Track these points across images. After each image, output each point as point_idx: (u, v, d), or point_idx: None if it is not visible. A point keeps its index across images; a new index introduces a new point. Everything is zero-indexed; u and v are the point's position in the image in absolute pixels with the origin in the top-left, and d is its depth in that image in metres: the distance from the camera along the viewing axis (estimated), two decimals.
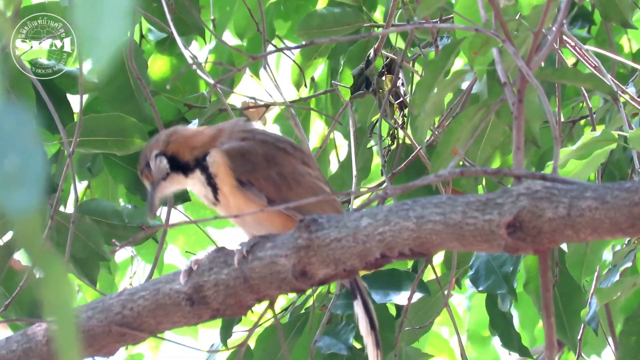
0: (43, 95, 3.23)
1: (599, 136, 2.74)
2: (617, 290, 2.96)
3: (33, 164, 1.19)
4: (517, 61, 2.24)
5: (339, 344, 3.37)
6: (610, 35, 3.82)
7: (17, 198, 1.17)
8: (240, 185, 2.41)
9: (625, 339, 3.23)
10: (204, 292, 2.30)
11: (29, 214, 1.18)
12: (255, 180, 2.41)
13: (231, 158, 2.42)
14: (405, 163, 3.46)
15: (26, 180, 1.17)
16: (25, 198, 1.17)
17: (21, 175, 1.18)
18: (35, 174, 1.18)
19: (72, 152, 3.09)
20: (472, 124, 2.37)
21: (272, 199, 2.41)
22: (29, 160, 1.19)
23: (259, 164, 2.41)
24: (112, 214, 3.41)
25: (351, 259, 2.20)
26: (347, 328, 3.42)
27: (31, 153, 1.19)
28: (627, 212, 2.05)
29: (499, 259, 3.41)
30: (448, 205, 2.14)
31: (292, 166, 2.45)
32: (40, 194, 1.18)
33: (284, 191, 2.41)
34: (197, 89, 3.88)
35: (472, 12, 2.65)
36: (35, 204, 1.17)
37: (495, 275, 3.39)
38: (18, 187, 1.17)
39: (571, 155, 2.74)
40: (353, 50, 3.81)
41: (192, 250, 4.60)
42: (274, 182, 2.41)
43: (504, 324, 3.49)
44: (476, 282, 3.41)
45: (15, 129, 1.21)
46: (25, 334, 2.37)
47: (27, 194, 1.17)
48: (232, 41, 4.21)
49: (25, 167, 1.18)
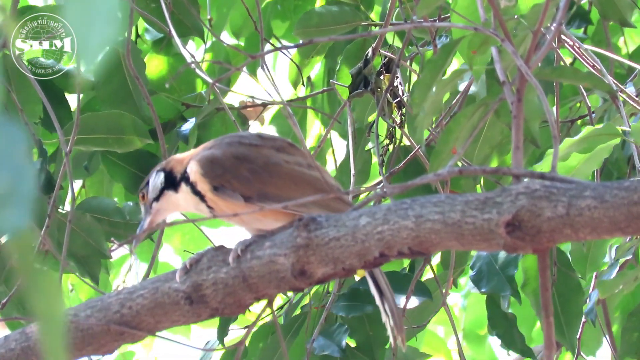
0: (40, 94, 3.23)
1: (602, 129, 2.74)
2: (618, 283, 2.96)
3: (24, 183, 1.18)
4: (516, 60, 2.24)
5: (332, 346, 3.38)
6: (607, 34, 3.82)
7: (7, 217, 1.16)
8: (214, 190, 2.44)
9: (627, 335, 3.24)
10: (203, 291, 2.30)
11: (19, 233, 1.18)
12: (227, 183, 2.44)
13: (202, 166, 2.46)
14: (404, 162, 3.45)
15: (16, 200, 1.16)
16: (15, 217, 1.16)
17: (11, 194, 1.17)
18: (25, 193, 1.17)
19: (70, 151, 3.09)
20: (470, 124, 2.37)
21: (248, 196, 2.43)
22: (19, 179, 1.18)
23: (228, 166, 2.45)
24: (114, 212, 3.41)
25: (350, 258, 2.20)
26: (341, 329, 3.42)
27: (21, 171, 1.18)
28: (626, 211, 2.05)
29: (502, 260, 3.40)
30: (447, 204, 2.14)
31: (265, 158, 2.46)
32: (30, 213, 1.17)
33: (257, 185, 2.43)
34: (194, 89, 3.88)
35: (470, 11, 2.65)
36: (25, 223, 1.16)
37: (498, 277, 3.38)
38: (8, 206, 1.16)
39: (573, 147, 2.73)
40: (350, 49, 3.81)
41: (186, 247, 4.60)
42: (245, 179, 2.44)
43: (505, 324, 3.48)
44: (478, 283, 3.40)
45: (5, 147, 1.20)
46: (24, 333, 2.37)
47: (18, 214, 1.16)
48: (229, 41, 4.21)
49: (15, 186, 1.17)
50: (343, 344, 3.39)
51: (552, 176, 2.13)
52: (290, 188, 2.44)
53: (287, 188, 2.44)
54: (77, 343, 2.33)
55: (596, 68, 3.01)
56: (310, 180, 2.47)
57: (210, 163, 2.46)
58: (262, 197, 2.43)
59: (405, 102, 3.44)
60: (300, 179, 2.46)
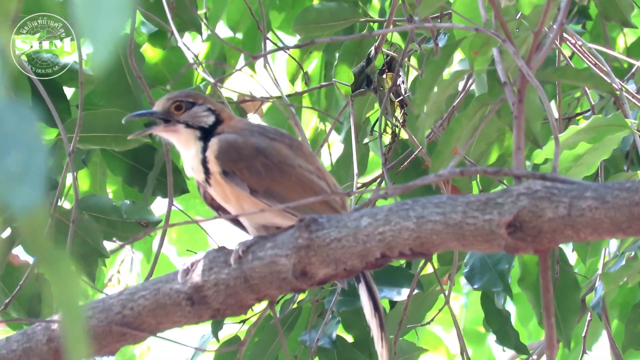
0: (41, 90, 3.22)
1: (610, 119, 2.73)
2: (623, 275, 2.96)
3: (35, 161, 1.20)
4: (518, 61, 2.23)
5: (323, 337, 3.39)
6: (605, 30, 3.82)
7: (20, 195, 1.17)
8: (224, 174, 2.43)
9: (631, 327, 3.24)
10: (204, 292, 2.30)
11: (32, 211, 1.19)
12: (238, 170, 2.44)
13: (220, 148, 2.46)
14: (407, 162, 3.45)
15: (29, 177, 1.18)
16: (28, 195, 1.18)
17: (24, 173, 1.18)
18: (37, 171, 1.19)
19: (73, 151, 3.08)
20: (472, 124, 2.36)
21: (254, 189, 2.43)
22: (31, 158, 1.20)
23: (245, 155, 2.44)
24: (111, 210, 3.41)
25: (351, 259, 2.20)
26: (332, 322, 3.43)
27: (33, 150, 1.20)
28: (627, 211, 2.05)
29: (494, 257, 3.42)
30: (448, 205, 2.14)
31: (281, 157, 2.47)
32: (43, 190, 1.18)
33: (266, 181, 2.44)
34: (191, 82, 3.88)
35: (471, 10, 2.65)
36: (38, 201, 1.17)
37: (490, 273, 3.40)
38: (21, 184, 1.17)
39: (579, 135, 2.73)
40: (348, 45, 3.82)
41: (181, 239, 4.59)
42: (257, 171, 2.44)
43: (499, 321, 3.49)
44: (471, 279, 3.41)
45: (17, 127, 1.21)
46: (25, 334, 2.37)
47: (30, 191, 1.18)
48: (225, 31, 4.20)
49: (27, 165, 1.19)
50: (334, 336, 3.40)
51: (553, 177, 2.13)
52: (296, 192, 2.44)
53: (294, 191, 2.44)
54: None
55: (598, 66, 3.01)
56: (318, 190, 2.47)
57: (229, 148, 2.46)
58: (268, 194, 2.44)
59: (408, 100, 3.44)
60: (308, 186, 2.46)
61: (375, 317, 2.46)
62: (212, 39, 4.05)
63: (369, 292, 2.47)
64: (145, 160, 3.61)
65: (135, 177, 3.61)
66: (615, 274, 2.97)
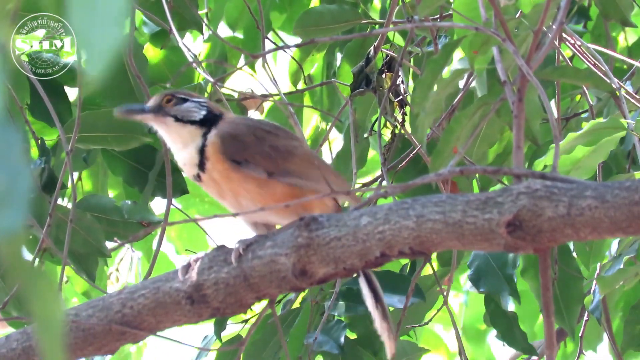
0: (40, 91, 3.22)
1: (606, 122, 2.73)
2: (619, 279, 2.96)
3: (19, 184, 1.18)
4: (517, 60, 2.24)
5: (330, 342, 3.38)
6: (607, 30, 3.82)
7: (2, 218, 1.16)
8: (236, 165, 2.43)
9: (630, 328, 3.24)
10: (204, 291, 2.30)
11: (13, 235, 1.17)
12: (251, 157, 2.45)
13: (223, 141, 2.47)
14: (406, 161, 3.45)
15: (12, 201, 1.16)
16: (10, 219, 1.16)
17: (7, 196, 1.16)
18: (21, 194, 1.17)
19: (71, 150, 3.09)
20: (472, 123, 2.36)
21: (271, 171, 2.43)
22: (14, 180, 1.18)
23: (250, 143, 2.44)
24: (112, 210, 3.41)
25: (351, 258, 2.20)
26: (339, 326, 3.42)
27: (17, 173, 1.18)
28: (627, 211, 2.05)
29: (500, 259, 3.39)
30: (448, 204, 2.14)
31: (284, 140, 2.50)
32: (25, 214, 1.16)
33: (280, 162, 2.45)
34: (192, 80, 3.88)
35: (471, 9, 2.65)
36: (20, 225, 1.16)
37: (496, 276, 3.38)
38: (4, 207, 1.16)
39: (577, 140, 2.73)
40: (350, 46, 3.82)
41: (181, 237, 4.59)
42: (269, 155, 2.45)
43: (505, 322, 3.47)
44: (477, 282, 3.38)
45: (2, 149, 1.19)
46: (25, 332, 2.37)
47: (13, 215, 1.16)
48: (226, 31, 4.20)
49: (11, 188, 1.17)
50: (341, 340, 3.39)
51: (553, 176, 2.13)
52: (308, 167, 2.45)
53: (306, 167, 2.45)
54: (78, 343, 2.33)
55: (597, 66, 3.01)
56: (324, 165, 2.52)
57: (232, 139, 2.46)
58: (284, 174, 2.44)
59: (408, 100, 3.44)
60: (316, 159, 2.50)
61: (377, 309, 2.46)
62: (214, 39, 4.05)
63: (369, 284, 2.47)
64: (146, 160, 3.61)
65: (136, 177, 3.61)
66: (611, 278, 2.97)
